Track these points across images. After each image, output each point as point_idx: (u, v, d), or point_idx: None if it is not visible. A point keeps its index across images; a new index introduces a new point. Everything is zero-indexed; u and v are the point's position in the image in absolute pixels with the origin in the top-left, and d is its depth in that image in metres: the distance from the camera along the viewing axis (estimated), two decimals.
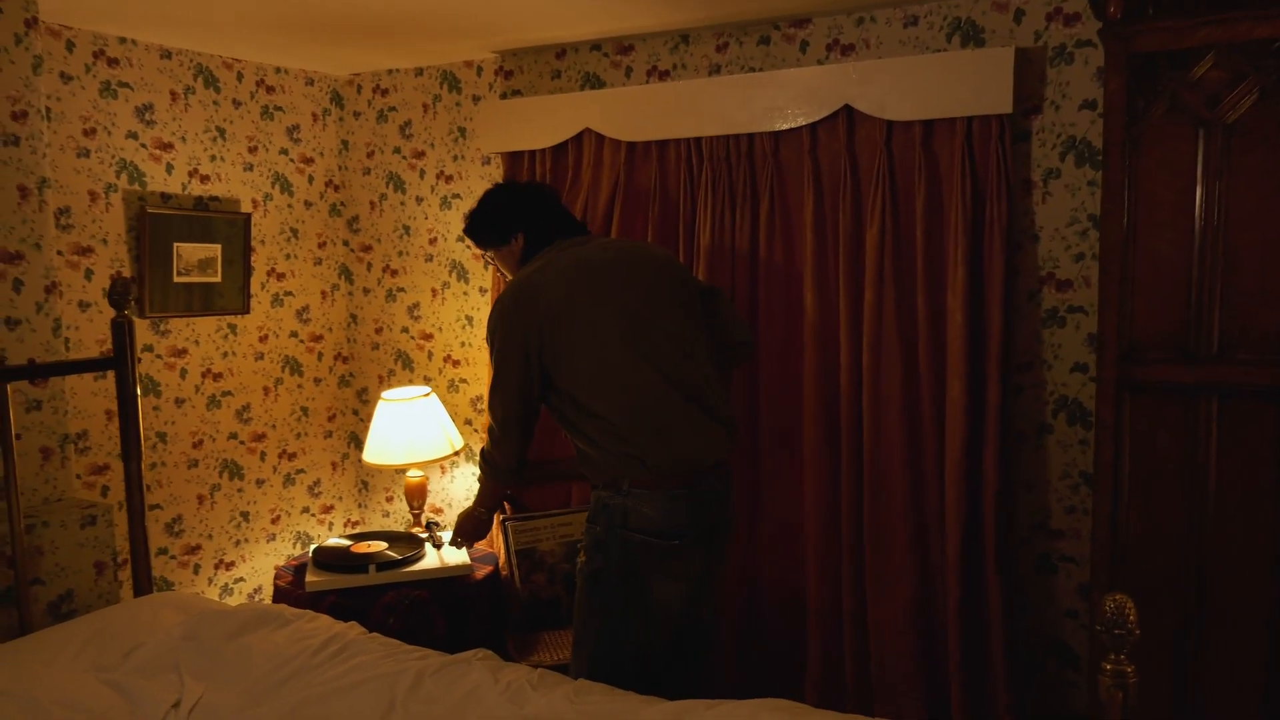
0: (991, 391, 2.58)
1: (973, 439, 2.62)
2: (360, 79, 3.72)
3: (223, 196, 3.38)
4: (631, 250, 2.48)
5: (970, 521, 2.62)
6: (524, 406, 2.38)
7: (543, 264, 2.39)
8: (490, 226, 2.52)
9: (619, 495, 2.33)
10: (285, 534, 3.67)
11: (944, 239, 2.65)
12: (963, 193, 2.58)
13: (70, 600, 2.51)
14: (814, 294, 2.83)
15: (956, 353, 2.61)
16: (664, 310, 2.37)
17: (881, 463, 2.77)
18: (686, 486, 2.33)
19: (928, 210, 2.65)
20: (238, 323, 3.45)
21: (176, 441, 3.27)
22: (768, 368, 2.94)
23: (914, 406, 2.73)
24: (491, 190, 2.57)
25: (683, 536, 2.33)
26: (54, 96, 2.88)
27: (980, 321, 2.61)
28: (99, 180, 3.00)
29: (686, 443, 2.32)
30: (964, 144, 2.58)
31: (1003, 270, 2.55)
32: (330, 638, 2.18)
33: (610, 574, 2.35)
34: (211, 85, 3.32)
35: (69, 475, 2.62)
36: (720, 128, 2.90)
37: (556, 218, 2.51)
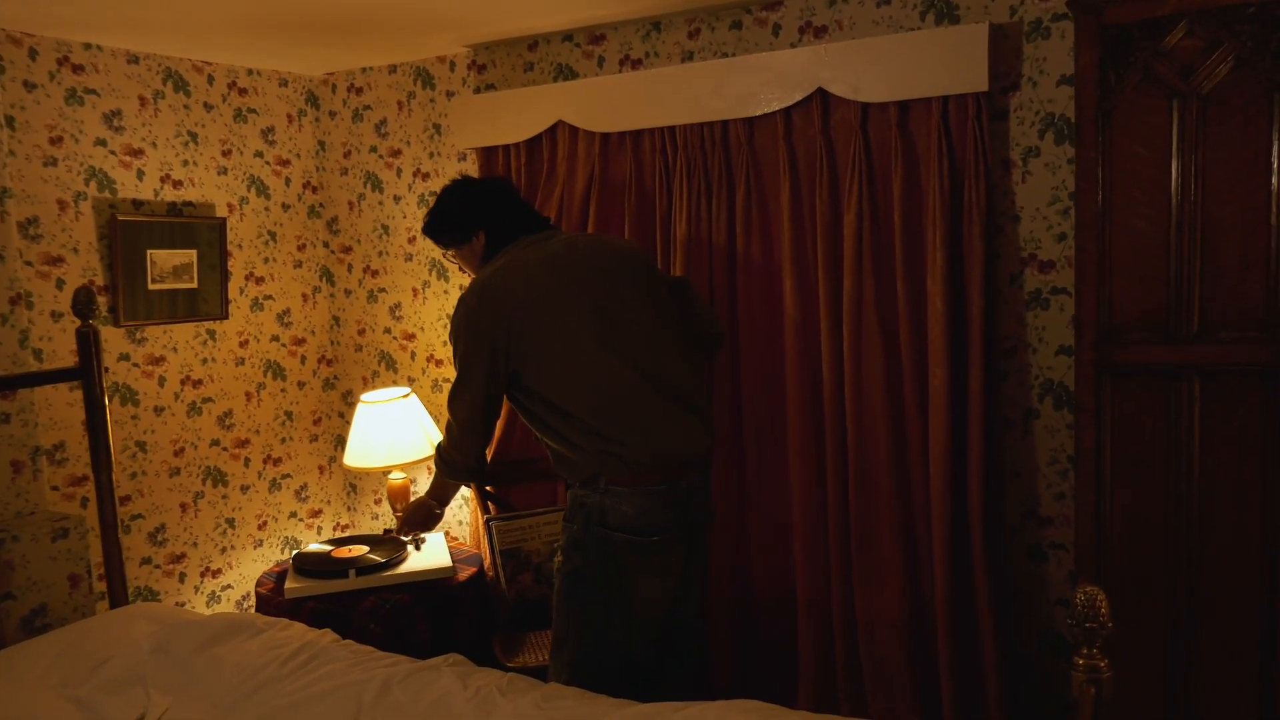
0: (974, 378, 2.52)
1: (956, 427, 2.56)
2: (335, 78, 3.68)
3: (197, 201, 3.34)
4: (598, 244, 2.45)
5: (956, 511, 2.57)
6: (487, 407, 2.35)
7: (506, 261, 2.35)
8: (450, 225, 2.47)
9: (596, 493, 2.29)
10: (273, 540, 3.64)
11: (922, 223, 2.59)
12: (940, 175, 2.52)
13: (44, 614, 2.49)
14: (793, 283, 2.77)
15: (937, 339, 2.55)
16: (634, 304, 2.33)
17: (866, 454, 2.71)
18: (665, 482, 2.29)
19: (905, 194, 2.59)
20: (216, 328, 3.42)
21: (157, 450, 3.24)
22: (750, 360, 2.89)
23: (897, 396, 2.67)
24: (449, 187, 2.52)
25: (662, 533, 2.29)
26: (18, 105, 2.85)
27: (961, 306, 2.56)
28: (68, 189, 2.97)
29: (665, 438, 2.28)
30: (940, 125, 2.51)
31: (982, 253, 2.49)
32: (301, 646, 2.15)
33: (589, 573, 2.31)
34: (181, 89, 3.28)
35: (41, 488, 2.60)
36: (694, 115, 2.84)
37: (519, 214, 2.47)
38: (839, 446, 2.76)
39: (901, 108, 2.58)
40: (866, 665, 2.75)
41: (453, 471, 2.49)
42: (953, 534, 2.57)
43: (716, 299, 2.88)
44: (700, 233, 2.90)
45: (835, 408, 2.75)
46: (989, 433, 2.53)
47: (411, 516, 2.69)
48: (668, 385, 2.30)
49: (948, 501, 2.56)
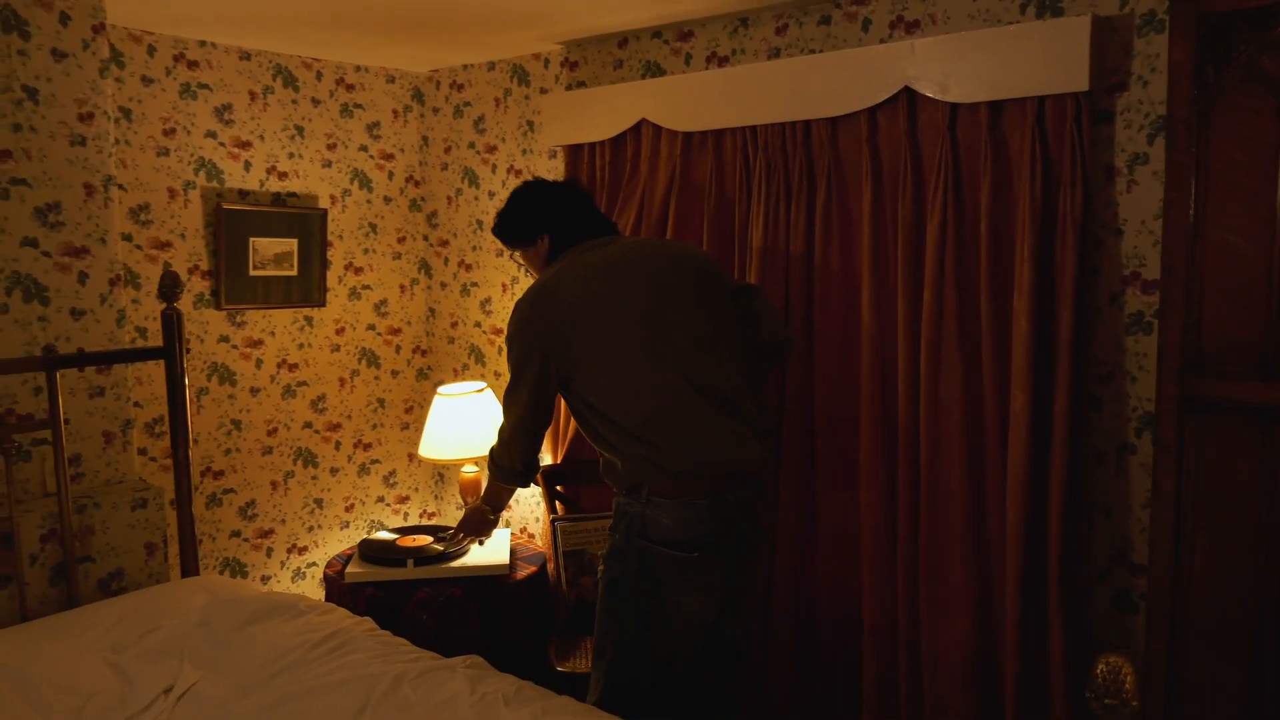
0: (1060, 404, 2.29)
1: (1037, 456, 2.34)
2: (439, 75, 3.75)
3: (300, 192, 3.47)
4: (655, 249, 2.38)
5: (1032, 548, 2.35)
6: (536, 413, 2.34)
7: (562, 266, 2.35)
8: (516, 226, 2.48)
9: (638, 503, 2.23)
10: (359, 522, 3.75)
11: (1012, 234, 2.39)
12: (1032, 182, 2.31)
13: (120, 578, 2.63)
14: (871, 294, 2.61)
15: (1021, 360, 2.34)
16: (686, 310, 2.25)
17: (939, 478, 2.53)
18: (709, 495, 2.21)
19: (994, 202, 2.39)
20: (314, 315, 3.55)
21: (251, 429, 3.39)
22: (824, 372, 2.75)
23: (976, 419, 2.47)
24: (519, 189, 2.53)
25: (703, 548, 2.20)
26: (135, 99, 3.03)
27: (1049, 326, 2.33)
28: (178, 178, 3.14)
29: (710, 448, 2.20)
30: (1034, 127, 2.30)
31: (1075, 268, 2.26)
32: (335, 632, 2.18)
33: (628, 585, 2.25)
34: (290, 85, 3.42)
35: (130, 459, 2.75)
36: (775, 115, 2.72)
37: (583, 217, 2.45)
38: (911, 467, 2.58)
39: (993, 109, 2.38)
40: (928, 700, 2.57)
41: (502, 475, 2.48)
42: (1027, 572, 2.35)
43: (792, 307, 2.76)
44: (778, 237, 2.78)
45: (909, 427, 2.57)
46: (1074, 465, 2.31)
47: (467, 523, 2.74)
48: (717, 394, 2.22)
49: (1023, 537, 2.34)
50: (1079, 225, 2.26)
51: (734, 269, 2.89)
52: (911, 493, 2.58)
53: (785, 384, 2.78)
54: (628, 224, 3.06)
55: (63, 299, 2.60)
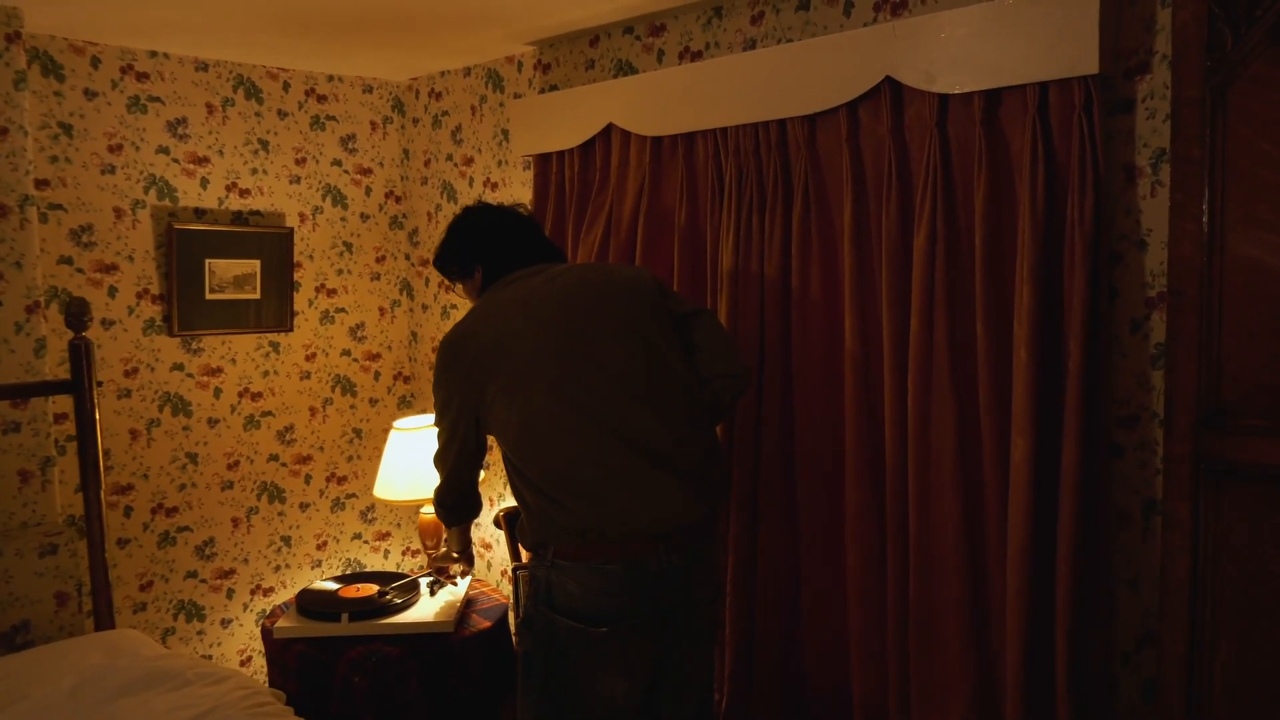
0: (1068, 453, 1.89)
1: (1042, 515, 1.94)
2: (418, 83, 3.51)
3: (265, 210, 3.26)
4: (583, 276, 2.11)
5: (1037, 626, 1.95)
6: (461, 456, 2.15)
7: (483, 302, 2.14)
8: (450, 257, 2.27)
9: (543, 565, 1.94)
10: (333, 560, 3.51)
11: (1011, 249, 2.00)
12: (1033, 186, 1.92)
13: (26, 631, 2.44)
14: (854, 320, 2.25)
15: (1021, 399, 1.95)
16: (608, 344, 1.97)
17: (931, 538, 2.14)
18: (623, 560, 1.88)
19: (990, 210, 2.01)
20: (281, 340, 3.33)
21: (209, 462, 3.19)
22: (805, 410, 2.39)
23: (973, 469, 2.09)
24: (457, 217, 2.31)
25: (615, 623, 1.88)
26: (77, 114, 2.86)
27: (1056, 359, 1.94)
28: (125, 197, 2.96)
29: (623, 504, 1.89)
30: (1036, 119, 1.92)
31: (1085, 289, 1.86)
32: (210, 709, 1.92)
33: (536, 660, 1.95)
34: (253, 96, 3.21)
35: (50, 499, 2.56)
36: (747, 114, 2.39)
37: (519, 246, 2.20)
38: (900, 525, 2.20)
39: (987, 100, 2.00)
40: None
41: (447, 516, 2.34)
42: (1030, 654, 1.95)
43: (767, 337, 2.40)
44: (750, 256, 2.43)
45: (898, 477, 2.19)
46: (1086, 526, 1.90)
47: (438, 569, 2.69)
48: (639, 441, 1.91)
49: (1025, 612, 1.95)
50: (1090, 237, 1.86)
51: (705, 293, 2.56)
52: (901, 554, 2.20)
53: (761, 430, 2.43)
54: (593, 245, 2.75)
55: None
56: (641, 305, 2.05)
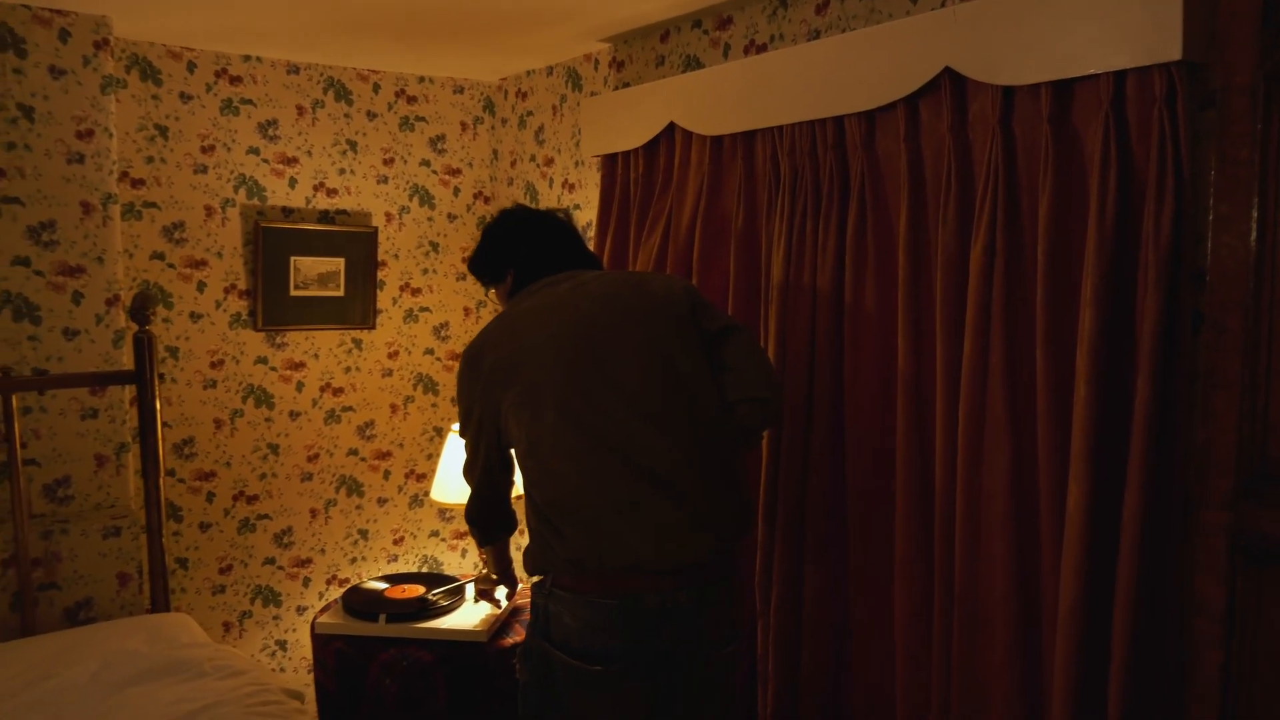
0: (1131, 503, 1.61)
1: (1097, 575, 1.67)
2: (506, 84, 3.49)
3: (351, 210, 3.32)
4: (607, 287, 1.97)
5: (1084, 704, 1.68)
6: (486, 474, 2.06)
7: (505, 312, 2.05)
8: (483, 262, 2.19)
9: (541, 594, 1.84)
10: (409, 556, 3.55)
11: (1078, 266, 1.73)
12: (1102, 193, 1.65)
13: (89, 608, 2.55)
14: (907, 337, 2.03)
15: (1080, 439, 1.68)
16: (625, 362, 1.84)
17: (979, 591, 1.90)
18: (621, 595, 1.76)
19: (1055, 219, 1.75)
20: (363, 337, 3.38)
21: (289, 454, 3.27)
22: (857, 435, 2.18)
23: (1027, 513, 1.83)
24: (492, 220, 2.24)
25: (610, 661, 1.76)
26: (172, 116, 2.99)
27: (1122, 392, 1.66)
28: (216, 196, 3.07)
29: (623, 536, 1.77)
30: (1110, 114, 1.65)
31: (1158, 315, 1.58)
32: (211, 704, 1.94)
33: (531, 692, 1.86)
34: (343, 98, 3.28)
35: (124, 483, 2.68)
36: (805, 111, 2.20)
37: (551, 253, 2.10)
38: (947, 572, 1.96)
39: (1057, 92, 1.74)
40: None
41: (478, 535, 2.27)
42: None
43: (819, 353, 2.21)
44: (804, 263, 2.24)
45: (946, 518, 1.96)
46: (1146, 589, 1.61)
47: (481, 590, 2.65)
48: (649, 468, 1.78)
49: (1072, 688, 1.68)
50: (1167, 254, 1.57)
51: (759, 304, 2.38)
52: (946, 604, 1.96)
53: (809, 455, 2.23)
54: (652, 251, 2.63)
55: (55, 318, 2.56)
56: (668, 320, 1.90)
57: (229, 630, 3.18)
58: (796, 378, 2.24)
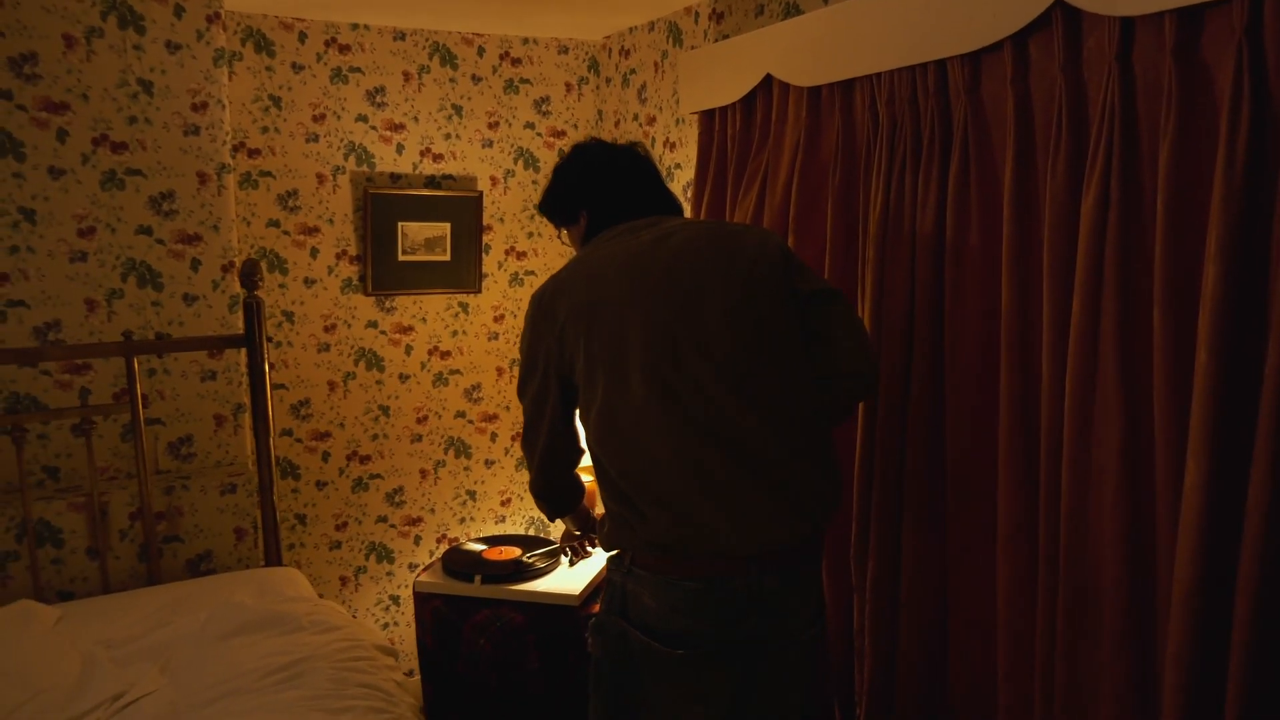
0: (1256, 486, 1.44)
1: (1217, 563, 1.50)
2: (610, 42, 3.43)
3: (457, 175, 3.35)
4: (696, 238, 1.81)
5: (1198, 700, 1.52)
6: (552, 438, 1.91)
7: (581, 257, 1.89)
8: (555, 201, 2.05)
9: (619, 571, 1.78)
10: (516, 517, 3.60)
11: (1203, 218, 1.55)
12: (1232, 133, 1.46)
13: (209, 560, 2.70)
14: (1012, 301, 1.87)
15: (1200, 411, 1.51)
16: (718, 325, 1.71)
17: (1087, 575, 1.75)
18: (706, 578, 1.69)
19: (1178, 166, 1.56)
20: (469, 301, 3.43)
21: (400, 416, 3.37)
22: (957, 404, 2.04)
23: (1143, 491, 1.66)
24: (564, 157, 2.09)
25: (692, 645, 1.70)
26: (285, 86, 3.08)
27: (1247, 360, 1.48)
28: (327, 163, 3.16)
29: (713, 521, 1.67)
30: (1244, 43, 1.45)
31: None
32: (301, 659, 2.01)
33: (606, 671, 1.82)
34: (448, 63, 3.30)
35: (242, 441, 2.81)
36: (906, 55, 2.05)
37: (629, 192, 1.96)
38: (1052, 552, 1.82)
39: (1183, 21, 1.55)
40: None
41: (548, 511, 2.13)
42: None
43: (918, 316, 2.08)
44: (903, 219, 2.10)
45: (1051, 494, 1.81)
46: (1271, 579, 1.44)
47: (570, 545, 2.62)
48: (740, 445, 1.68)
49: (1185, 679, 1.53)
50: None
51: (857, 265, 2.26)
52: (1050, 589, 1.82)
53: (907, 425, 2.11)
54: (749, 210, 2.53)
55: (176, 285, 2.69)
56: (763, 280, 1.76)
57: (345, 584, 3.31)
58: (894, 344, 2.12)
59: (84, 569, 2.54)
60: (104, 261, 2.59)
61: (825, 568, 2.40)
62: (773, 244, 1.84)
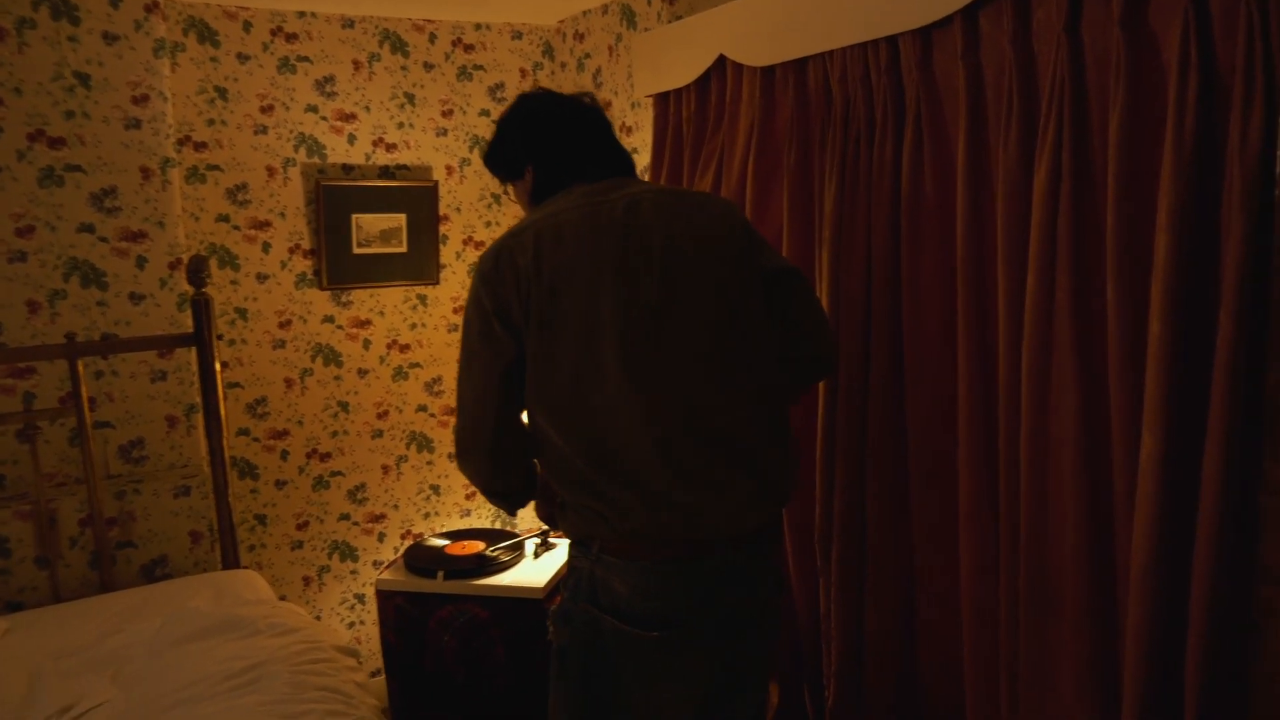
0: (1211, 458, 1.44)
1: (1174, 535, 1.50)
2: (564, 26, 3.38)
3: (412, 164, 3.30)
4: (664, 209, 1.72)
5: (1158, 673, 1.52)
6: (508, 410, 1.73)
7: (539, 217, 1.72)
8: (498, 154, 1.91)
9: (587, 558, 1.74)
10: (483, 510, 3.56)
11: (1153, 188, 1.54)
12: (1180, 105, 1.45)
13: (164, 565, 2.64)
14: (968, 275, 1.86)
15: (1154, 383, 1.50)
16: (690, 301, 1.65)
17: (1045, 548, 1.74)
18: (679, 560, 1.67)
19: (1128, 138, 1.55)
20: (428, 293, 3.38)
21: (360, 411, 3.31)
22: (917, 380, 2.03)
23: (1100, 466, 1.66)
24: (508, 109, 1.94)
25: (669, 626, 1.67)
26: (231, 78, 3.00)
27: (1204, 331, 1.47)
28: (277, 155, 3.09)
29: (687, 506, 1.64)
30: (1190, 10, 1.44)
31: (1243, 241, 1.38)
32: (259, 663, 1.96)
33: (573, 659, 1.79)
34: (399, 50, 3.23)
35: (195, 443, 2.74)
36: (861, 31, 2.03)
37: (579, 145, 1.82)
38: (1013, 531, 1.81)
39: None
40: None
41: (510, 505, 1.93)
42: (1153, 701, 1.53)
43: (874, 295, 2.06)
44: (858, 198, 2.09)
45: (1011, 470, 1.80)
46: (1228, 551, 1.44)
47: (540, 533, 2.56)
48: (714, 427, 1.65)
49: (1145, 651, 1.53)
50: (1254, 171, 1.37)
51: (813, 245, 2.24)
52: (1011, 567, 1.82)
53: (868, 405, 2.10)
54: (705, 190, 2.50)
55: (121, 284, 2.62)
56: (732, 257, 1.71)
57: (309, 584, 3.26)
58: (852, 323, 2.10)
59: (33, 578, 2.47)
60: (45, 261, 2.52)
61: (791, 551, 2.39)
62: (738, 219, 1.80)
